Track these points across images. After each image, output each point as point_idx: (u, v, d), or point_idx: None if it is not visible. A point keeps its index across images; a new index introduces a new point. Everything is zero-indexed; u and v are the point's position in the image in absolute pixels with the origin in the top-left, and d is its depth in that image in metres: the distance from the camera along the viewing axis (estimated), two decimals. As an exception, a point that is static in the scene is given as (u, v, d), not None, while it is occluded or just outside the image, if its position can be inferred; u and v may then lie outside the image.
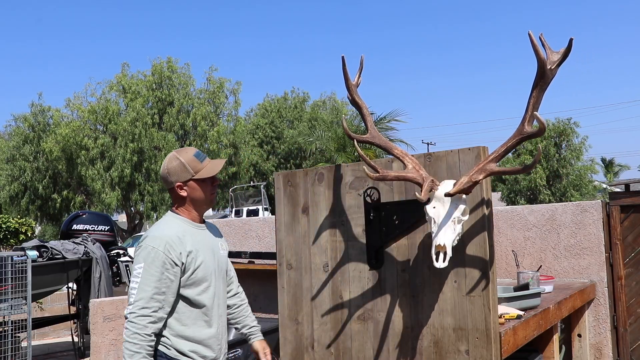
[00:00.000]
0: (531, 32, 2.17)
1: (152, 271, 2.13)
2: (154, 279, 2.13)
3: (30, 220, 20.55)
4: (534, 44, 2.18)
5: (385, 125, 18.48)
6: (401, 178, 2.44)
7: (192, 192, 2.29)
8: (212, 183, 2.34)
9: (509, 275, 4.23)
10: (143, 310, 2.10)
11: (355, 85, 2.64)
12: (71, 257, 6.26)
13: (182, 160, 2.27)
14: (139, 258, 2.18)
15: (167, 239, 2.18)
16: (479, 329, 2.37)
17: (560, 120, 28.86)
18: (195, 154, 2.31)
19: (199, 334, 2.25)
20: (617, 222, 4.09)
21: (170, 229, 2.25)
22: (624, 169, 39.19)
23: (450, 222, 2.28)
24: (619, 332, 4.06)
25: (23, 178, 23.50)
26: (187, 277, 2.22)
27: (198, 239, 2.29)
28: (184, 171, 2.26)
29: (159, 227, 2.27)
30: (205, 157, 2.33)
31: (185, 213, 2.32)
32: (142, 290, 2.11)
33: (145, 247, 2.18)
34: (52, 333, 8.89)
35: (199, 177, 2.28)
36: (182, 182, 2.27)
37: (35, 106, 23.91)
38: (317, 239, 2.88)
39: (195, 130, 23.96)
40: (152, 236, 2.20)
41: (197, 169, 2.28)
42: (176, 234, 2.21)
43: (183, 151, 2.32)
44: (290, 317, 2.97)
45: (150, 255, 2.15)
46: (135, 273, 2.15)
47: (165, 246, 2.16)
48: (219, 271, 2.38)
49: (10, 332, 5.31)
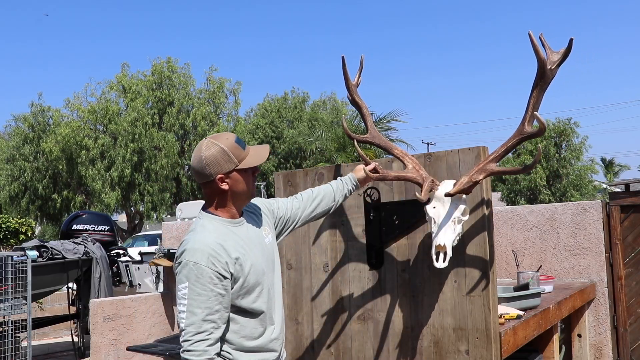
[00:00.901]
0: (531, 32, 2.17)
1: (198, 290, 1.85)
2: (203, 298, 1.85)
3: (30, 220, 20.56)
4: (534, 44, 2.18)
5: (385, 125, 18.48)
6: (401, 178, 2.43)
7: (234, 185, 1.96)
8: (253, 173, 2.03)
9: (509, 275, 4.23)
10: (198, 336, 1.83)
11: (355, 86, 2.64)
12: (71, 257, 6.25)
13: (224, 147, 1.93)
14: (180, 277, 1.88)
15: (208, 250, 1.88)
16: (479, 329, 2.37)
17: (560, 120, 28.87)
18: (236, 139, 1.98)
19: (260, 342, 2.01)
20: (617, 222, 4.09)
21: (209, 236, 1.92)
22: (624, 169, 39.20)
23: (450, 222, 2.28)
24: (619, 332, 4.06)
25: (23, 178, 23.49)
26: (240, 287, 1.94)
27: (242, 240, 1.99)
28: (226, 160, 1.93)
29: (195, 236, 1.93)
30: (246, 144, 2.03)
31: (223, 212, 2.00)
32: (192, 313, 1.84)
33: (185, 263, 1.88)
34: (52, 333, 8.89)
35: (243, 166, 1.96)
36: (225, 174, 1.94)
37: (35, 106, 23.92)
38: (317, 239, 2.88)
39: (195, 130, 23.97)
40: (191, 249, 1.89)
41: (240, 157, 1.95)
42: (217, 242, 1.91)
43: (221, 137, 1.97)
44: (290, 317, 2.97)
45: (193, 273, 1.85)
46: (181, 295, 1.86)
47: (209, 258, 1.87)
48: (270, 265, 2.10)
49: (10, 332, 5.31)
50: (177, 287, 1.89)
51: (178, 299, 1.89)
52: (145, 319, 5.04)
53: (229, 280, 1.91)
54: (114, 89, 23.81)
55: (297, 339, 2.94)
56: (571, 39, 2.18)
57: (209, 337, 1.85)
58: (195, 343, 1.84)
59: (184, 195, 23.93)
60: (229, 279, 1.91)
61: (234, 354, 1.97)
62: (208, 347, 1.85)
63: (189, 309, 1.85)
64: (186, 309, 1.85)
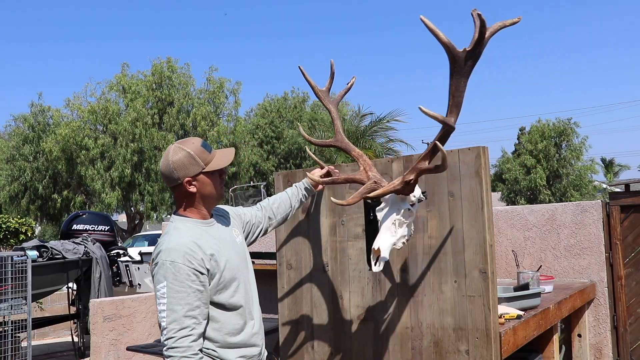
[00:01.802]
0: (423, 17, 1.96)
1: (177, 288, 1.90)
2: (182, 295, 1.90)
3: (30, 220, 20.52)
4: (430, 28, 1.99)
5: (385, 125, 18.49)
6: (349, 180, 2.49)
7: (202, 188, 2.04)
8: (220, 176, 2.11)
9: (509, 275, 4.23)
10: (181, 332, 1.87)
11: (324, 91, 2.70)
12: (71, 257, 6.26)
13: (190, 152, 2.02)
14: (158, 277, 1.93)
15: (184, 248, 1.94)
16: (479, 329, 2.37)
17: (560, 120, 28.87)
18: (202, 143, 2.07)
19: (243, 337, 2.07)
20: (617, 222, 4.09)
21: (183, 235, 1.99)
22: (624, 169, 39.18)
23: (390, 224, 2.28)
24: (619, 332, 4.06)
25: (23, 178, 23.48)
26: (217, 282, 2.00)
27: (214, 238, 2.07)
28: (193, 164, 2.01)
29: (170, 237, 2.00)
30: (212, 147, 2.11)
31: (194, 213, 2.08)
32: (172, 311, 1.88)
33: (162, 263, 1.93)
34: (52, 333, 8.89)
35: (210, 169, 2.04)
36: (192, 177, 2.02)
37: (35, 106, 23.91)
38: (317, 239, 2.88)
39: (195, 130, 23.95)
40: (167, 249, 1.95)
41: (207, 160, 2.04)
42: (191, 240, 1.97)
43: (188, 142, 2.07)
44: (290, 317, 2.97)
45: (170, 271, 1.91)
46: (160, 294, 1.91)
47: (185, 256, 1.93)
48: (243, 263, 2.18)
49: (10, 332, 5.31)
50: (156, 287, 1.94)
51: (157, 299, 1.93)
52: (145, 319, 5.04)
53: (206, 276, 1.97)
54: (113, 89, 23.80)
55: (297, 339, 2.94)
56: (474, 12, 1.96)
57: (191, 332, 1.90)
58: (179, 340, 1.87)
59: (184, 195, 23.86)
60: (206, 274, 1.97)
61: (219, 351, 2.02)
62: (192, 343, 1.89)
63: (169, 307, 1.89)
64: (166, 308, 1.89)
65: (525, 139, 29.91)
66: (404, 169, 2.61)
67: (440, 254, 2.48)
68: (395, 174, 2.63)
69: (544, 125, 28.98)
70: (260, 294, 2.37)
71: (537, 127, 29.19)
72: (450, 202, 2.47)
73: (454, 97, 2.08)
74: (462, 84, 2.06)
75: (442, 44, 2.01)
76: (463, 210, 2.43)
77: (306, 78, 2.68)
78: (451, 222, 2.46)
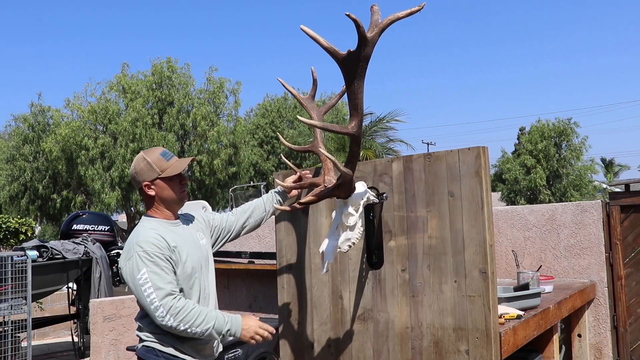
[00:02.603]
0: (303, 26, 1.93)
1: (157, 270, 2.11)
2: (163, 274, 2.12)
3: (30, 220, 20.53)
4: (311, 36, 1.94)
5: (385, 125, 18.49)
6: (312, 184, 2.55)
7: (160, 191, 2.29)
8: (180, 182, 2.33)
9: (509, 275, 4.23)
10: (168, 298, 2.08)
11: (308, 98, 2.74)
12: (71, 257, 6.26)
13: (149, 160, 2.29)
14: (133, 268, 2.13)
15: (151, 239, 2.17)
16: (479, 329, 2.37)
17: (560, 120, 28.88)
18: (161, 152, 2.32)
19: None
20: (617, 222, 4.09)
21: (148, 230, 2.23)
22: (624, 169, 39.19)
23: (334, 228, 2.32)
24: (619, 332, 4.06)
25: (23, 178, 23.48)
26: (180, 273, 2.21)
27: (178, 235, 2.28)
28: (150, 170, 2.27)
29: (136, 234, 2.24)
30: (173, 156, 2.34)
31: (158, 213, 2.32)
32: (160, 289, 2.09)
33: (133, 256, 2.15)
34: (52, 333, 8.89)
35: (165, 175, 2.28)
36: (149, 182, 2.28)
37: (35, 106, 23.91)
38: (317, 239, 2.88)
39: (195, 130, 23.95)
40: (134, 243, 2.18)
41: (163, 167, 2.28)
42: (157, 233, 2.21)
43: (150, 151, 2.34)
44: (290, 317, 2.97)
45: (145, 259, 2.12)
46: (142, 282, 2.10)
47: (154, 245, 2.15)
48: (204, 262, 2.37)
49: (10, 332, 5.31)
50: (135, 279, 2.11)
51: (141, 288, 2.09)
52: (145, 319, 5.03)
53: (171, 263, 2.18)
54: (114, 89, 23.80)
55: (297, 339, 2.94)
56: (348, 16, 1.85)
57: (178, 294, 2.13)
58: (173, 305, 2.07)
59: (183, 195, 23.87)
60: (170, 262, 2.18)
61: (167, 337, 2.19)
62: (182, 300, 2.12)
63: (155, 288, 2.08)
64: (152, 290, 2.08)
65: (525, 139, 29.92)
66: (403, 168, 2.61)
67: (440, 254, 2.48)
68: (395, 174, 2.63)
69: (544, 125, 28.98)
70: (260, 294, 2.38)
71: (537, 127, 29.19)
72: (450, 202, 2.47)
73: (350, 100, 2.06)
74: (357, 86, 2.02)
75: (325, 50, 1.97)
76: (463, 210, 2.43)
77: (287, 88, 2.77)
78: (451, 222, 2.46)
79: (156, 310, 2.07)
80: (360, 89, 2.03)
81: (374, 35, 1.95)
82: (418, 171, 2.57)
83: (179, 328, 2.08)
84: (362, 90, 2.04)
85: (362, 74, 2.00)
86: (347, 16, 1.83)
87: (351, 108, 2.07)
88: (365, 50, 1.94)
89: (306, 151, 2.82)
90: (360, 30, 1.89)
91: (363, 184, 2.44)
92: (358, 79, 2.00)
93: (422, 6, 1.92)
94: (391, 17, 1.98)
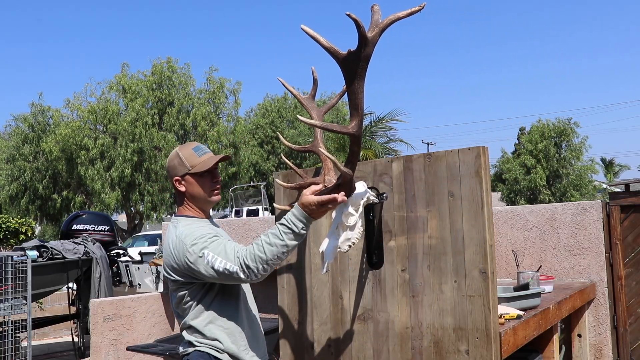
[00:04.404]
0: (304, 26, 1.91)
1: (214, 245, 2.04)
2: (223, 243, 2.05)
3: (30, 220, 20.54)
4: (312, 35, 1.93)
5: (385, 125, 18.49)
6: (312, 184, 2.55)
7: (189, 187, 2.22)
8: (212, 179, 2.26)
9: (509, 275, 4.23)
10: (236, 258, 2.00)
11: (309, 98, 2.72)
12: (71, 257, 6.26)
13: (181, 155, 2.23)
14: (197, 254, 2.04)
15: (192, 229, 2.11)
16: (479, 329, 2.37)
17: (560, 120, 28.89)
18: (194, 147, 2.26)
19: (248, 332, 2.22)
20: (617, 222, 4.09)
21: (185, 225, 2.16)
22: (624, 169, 39.20)
23: (334, 228, 2.32)
24: (619, 332, 4.06)
25: (23, 178, 23.49)
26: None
27: (213, 228, 2.24)
28: (181, 165, 2.22)
29: (175, 229, 2.17)
30: (206, 152, 2.27)
31: (189, 211, 2.25)
32: (226, 253, 2.01)
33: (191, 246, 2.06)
34: (52, 333, 8.90)
35: (195, 171, 2.21)
36: (180, 177, 2.22)
37: (35, 106, 23.92)
38: (317, 239, 2.88)
39: (195, 130, 23.97)
40: (184, 235, 2.10)
41: (193, 163, 2.21)
42: (198, 224, 2.16)
43: (184, 146, 2.28)
44: (290, 317, 2.97)
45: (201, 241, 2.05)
46: (211, 259, 2.01)
47: (201, 230, 2.10)
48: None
49: (10, 332, 5.31)
50: (204, 263, 2.03)
51: (215, 265, 2.01)
52: (145, 319, 5.04)
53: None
54: (113, 89, 23.81)
55: (297, 339, 2.94)
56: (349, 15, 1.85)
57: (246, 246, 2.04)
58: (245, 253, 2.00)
59: (183, 195, 23.88)
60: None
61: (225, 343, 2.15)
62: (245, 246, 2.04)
63: (225, 255, 2.01)
64: (224, 257, 2.01)
65: (525, 139, 29.93)
66: (403, 169, 2.61)
67: (440, 254, 2.48)
68: (395, 174, 2.63)
69: (544, 125, 28.99)
70: (260, 294, 2.39)
71: (537, 127, 29.20)
72: (450, 202, 2.47)
73: (350, 100, 2.05)
74: (357, 86, 2.01)
75: (325, 50, 1.96)
76: (463, 210, 2.43)
77: (287, 88, 2.73)
78: (451, 222, 2.46)
79: (241, 273, 2.00)
80: (361, 89, 2.03)
81: (375, 35, 1.95)
82: (418, 171, 2.57)
83: (270, 263, 2.01)
84: (363, 90, 2.04)
85: (363, 74, 2.00)
86: (348, 16, 1.83)
87: (351, 108, 2.07)
88: (365, 50, 1.94)
89: (306, 151, 2.81)
90: (361, 30, 1.89)
91: (363, 184, 2.44)
92: (358, 79, 2.00)
93: (423, 6, 1.92)
94: (392, 17, 1.97)
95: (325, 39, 1.95)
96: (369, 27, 1.94)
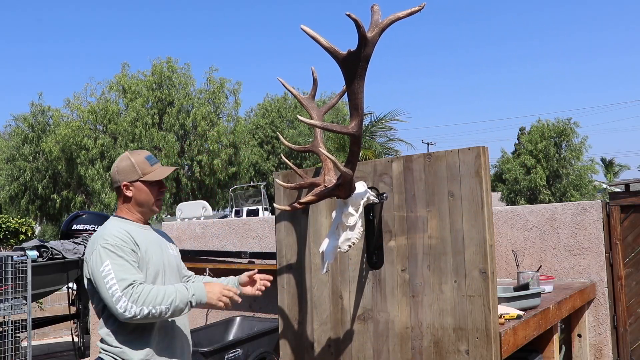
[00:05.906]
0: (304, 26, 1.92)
1: (120, 262, 2.05)
2: (127, 267, 2.06)
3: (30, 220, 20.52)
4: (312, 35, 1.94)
5: (385, 125, 18.49)
6: (312, 184, 2.56)
7: (137, 194, 2.26)
8: (159, 188, 2.31)
9: (509, 275, 4.23)
10: (129, 288, 2.00)
11: (309, 98, 2.74)
12: (71, 257, 6.26)
13: (133, 161, 2.27)
14: (97, 260, 2.06)
15: (117, 233, 2.13)
16: (479, 329, 2.37)
17: (560, 120, 28.88)
18: (147, 156, 2.31)
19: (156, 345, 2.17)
20: (617, 222, 4.09)
21: (116, 227, 2.19)
22: (624, 169, 39.17)
23: (334, 228, 2.31)
24: (619, 332, 4.06)
25: (23, 178, 23.51)
26: (143, 273, 2.15)
27: (145, 238, 2.24)
28: (132, 171, 2.26)
29: (103, 229, 2.20)
30: (157, 162, 2.33)
31: (128, 215, 2.28)
32: (123, 280, 2.01)
33: (97, 249, 2.09)
34: (52, 333, 8.90)
35: (146, 179, 2.26)
36: (129, 182, 2.26)
37: (35, 106, 23.93)
38: (317, 239, 2.88)
39: (195, 130, 23.97)
40: (100, 236, 2.13)
41: (145, 171, 2.27)
42: (123, 230, 2.17)
43: (136, 152, 2.32)
44: (290, 317, 2.97)
45: (109, 250, 2.07)
46: (105, 274, 2.02)
47: (120, 237, 2.12)
48: (170, 269, 2.30)
49: (10, 332, 5.31)
50: (98, 271, 2.05)
51: (103, 280, 2.02)
52: (145, 319, 5.03)
53: (137, 256, 2.14)
54: (113, 89, 23.82)
55: (297, 339, 2.94)
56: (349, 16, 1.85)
57: (141, 281, 2.06)
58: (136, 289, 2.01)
59: (183, 195, 23.95)
60: (136, 255, 2.14)
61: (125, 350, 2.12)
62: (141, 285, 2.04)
63: (118, 279, 2.01)
64: (115, 280, 2.01)
65: (525, 139, 29.93)
66: (403, 168, 2.61)
67: (440, 254, 2.48)
68: (395, 174, 2.63)
69: (543, 125, 28.99)
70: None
71: (537, 127, 29.20)
72: (450, 202, 2.47)
73: (350, 100, 2.06)
74: (357, 86, 2.02)
75: (325, 50, 1.97)
76: (463, 210, 2.43)
77: (287, 88, 2.75)
78: (451, 222, 2.46)
79: (118, 302, 1.99)
80: (361, 89, 2.03)
81: (374, 35, 1.95)
82: (418, 171, 2.57)
83: (143, 313, 1.99)
84: (362, 90, 2.04)
85: (363, 74, 2.00)
86: (348, 16, 1.83)
87: (351, 108, 2.07)
88: (365, 50, 1.94)
89: (306, 151, 2.82)
90: (361, 30, 1.89)
91: (363, 184, 2.44)
92: (358, 79, 2.01)
93: (423, 6, 1.93)
94: (391, 17, 1.98)
95: (325, 39, 1.95)
96: (368, 27, 1.94)
